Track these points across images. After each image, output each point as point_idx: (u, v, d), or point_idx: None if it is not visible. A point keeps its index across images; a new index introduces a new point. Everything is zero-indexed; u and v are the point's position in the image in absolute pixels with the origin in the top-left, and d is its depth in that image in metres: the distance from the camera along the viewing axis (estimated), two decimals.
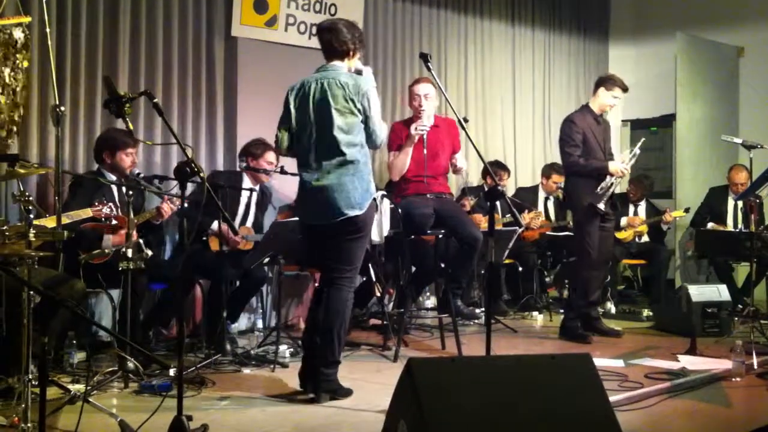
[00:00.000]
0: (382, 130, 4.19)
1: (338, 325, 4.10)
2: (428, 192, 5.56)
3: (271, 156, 5.64)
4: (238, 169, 5.83)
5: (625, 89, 6.06)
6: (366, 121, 4.12)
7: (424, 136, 5.49)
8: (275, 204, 6.11)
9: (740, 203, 7.41)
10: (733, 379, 4.59)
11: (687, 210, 7.86)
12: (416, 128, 5.42)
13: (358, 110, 4.09)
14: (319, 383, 4.10)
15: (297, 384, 4.32)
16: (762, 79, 8.56)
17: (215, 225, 5.41)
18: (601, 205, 5.81)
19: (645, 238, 7.91)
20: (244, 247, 5.54)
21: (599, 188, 5.80)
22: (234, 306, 5.54)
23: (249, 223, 5.72)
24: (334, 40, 4.24)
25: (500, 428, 2.95)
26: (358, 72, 4.24)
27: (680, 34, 8.29)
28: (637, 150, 6.03)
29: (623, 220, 7.79)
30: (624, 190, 8.11)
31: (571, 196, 6.07)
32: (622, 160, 5.96)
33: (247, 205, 5.72)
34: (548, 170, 7.90)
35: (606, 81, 6.02)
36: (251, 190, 5.66)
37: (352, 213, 4.06)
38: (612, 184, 5.83)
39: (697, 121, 8.33)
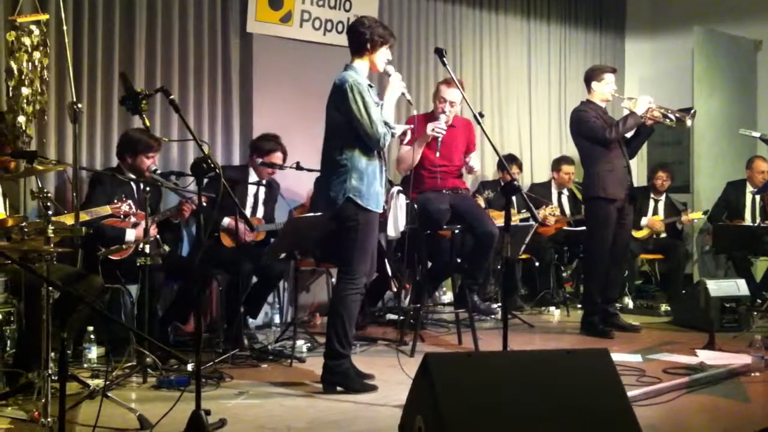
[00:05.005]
0: (375, 130, 4.05)
1: (336, 320, 4.17)
2: (444, 187, 5.57)
3: (277, 156, 5.64)
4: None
5: (613, 70, 6.07)
6: (350, 119, 4.08)
7: (439, 139, 5.47)
8: (289, 203, 6.11)
9: (758, 197, 7.36)
10: (752, 374, 4.55)
11: (706, 213, 7.79)
12: (433, 129, 5.39)
13: (341, 110, 4.11)
14: (323, 373, 4.22)
15: (314, 379, 4.34)
16: None
17: (226, 221, 5.45)
18: (621, 194, 5.83)
19: (662, 234, 7.86)
20: (256, 239, 5.57)
21: (670, 122, 5.85)
22: (254, 301, 5.57)
23: (259, 214, 5.75)
24: (353, 37, 4.26)
25: (517, 423, 2.95)
26: (387, 74, 4.26)
27: (697, 28, 8.23)
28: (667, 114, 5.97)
29: (644, 220, 7.72)
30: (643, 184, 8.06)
31: (589, 188, 5.96)
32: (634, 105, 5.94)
33: (255, 198, 5.75)
34: (557, 163, 7.90)
35: (593, 74, 5.99)
36: (258, 183, 5.68)
37: (331, 210, 4.19)
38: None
39: (715, 116, 8.27)
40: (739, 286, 6.11)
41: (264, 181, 5.76)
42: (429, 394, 2.98)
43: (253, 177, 5.74)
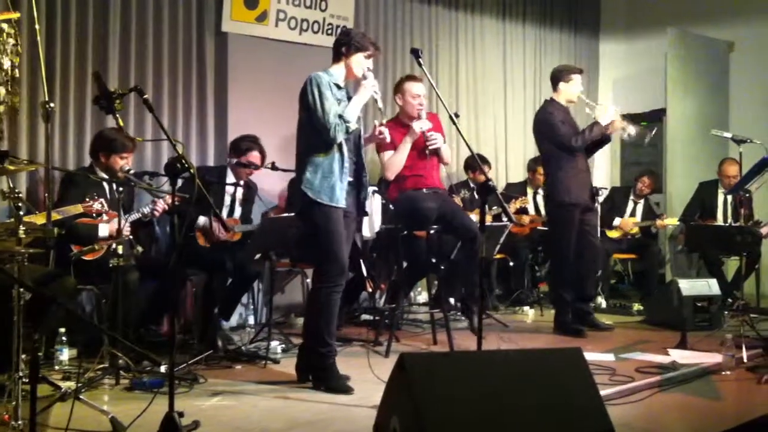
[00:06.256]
0: (327, 121, 4.11)
1: (311, 317, 4.28)
2: (425, 187, 5.53)
3: (254, 155, 5.62)
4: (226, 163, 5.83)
5: (580, 71, 6.09)
6: (308, 113, 4.19)
7: (425, 135, 5.44)
8: (267, 204, 6.09)
9: (730, 197, 7.43)
10: (724, 373, 4.61)
11: (681, 220, 7.86)
12: (421, 127, 5.37)
13: (302, 104, 4.23)
14: (305, 370, 4.35)
15: (289, 379, 4.34)
16: (752, 74, 8.59)
17: (201, 220, 5.41)
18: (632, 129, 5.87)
19: (637, 235, 7.92)
20: (232, 239, 5.54)
21: (627, 135, 5.88)
22: (228, 303, 5.53)
23: (236, 215, 5.72)
24: (333, 45, 4.40)
25: (492, 423, 2.96)
26: (364, 77, 4.33)
27: (671, 29, 8.30)
28: (632, 130, 6.04)
29: (617, 221, 7.78)
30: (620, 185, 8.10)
31: (552, 191, 6.03)
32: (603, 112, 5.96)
33: (233, 199, 5.71)
34: (534, 164, 7.89)
35: (561, 75, 6.02)
36: (235, 184, 5.65)
37: (298, 207, 4.33)
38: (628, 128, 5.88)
39: (688, 116, 8.35)
40: (710, 286, 6.18)
41: (242, 182, 5.73)
42: (404, 394, 2.99)
43: (230, 178, 5.69)
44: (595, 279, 6.34)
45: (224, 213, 5.64)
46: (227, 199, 5.70)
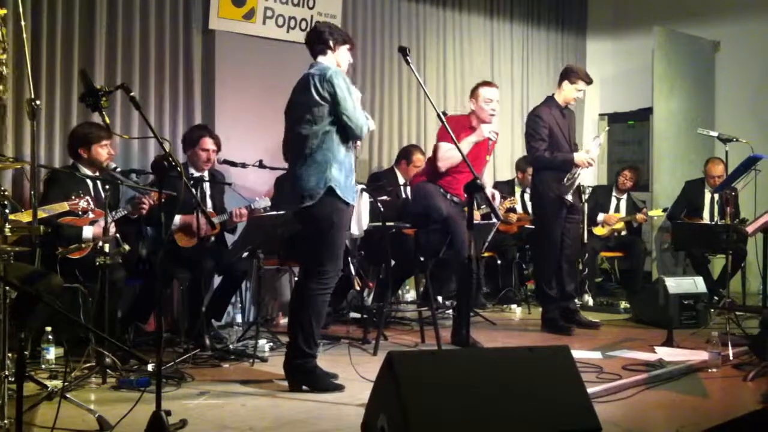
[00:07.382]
0: (358, 117, 4.08)
1: (303, 319, 4.14)
2: (452, 192, 5.40)
3: (207, 143, 5.51)
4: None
5: (588, 81, 6.09)
6: (336, 107, 4.05)
7: (488, 144, 5.37)
8: (249, 200, 6.04)
9: (716, 196, 7.48)
10: (710, 370, 4.63)
11: (665, 210, 7.91)
12: (491, 131, 5.30)
13: (324, 98, 4.05)
14: (288, 372, 4.21)
15: (276, 378, 4.33)
16: (738, 73, 8.64)
17: (177, 218, 5.32)
18: (569, 197, 5.88)
19: (623, 231, 7.96)
20: (212, 233, 5.48)
21: (565, 179, 5.85)
22: (218, 304, 5.50)
23: (208, 208, 5.62)
24: (314, 38, 4.30)
25: (479, 421, 2.97)
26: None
27: (657, 29, 8.35)
28: (600, 140, 6.12)
29: (600, 216, 7.81)
30: (596, 180, 8.13)
31: (536, 190, 6.08)
32: (586, 151, 6.01)
33: (202, 194, 5.62)
34: (523, 164, 7.91)
35: (570, 74, 6.02)
36: (201, 176, 5.53)
37: (303, 204, 4.09)
38: (577, 175, 5.88)
39: (674, 115, 8.39)
40: (697, 284, 6.21)
41: (206, 175, 5.61)
42: (392, 392, 2.99)
43: (193, 172, 5.59)
44: (576, 276, 6.36)
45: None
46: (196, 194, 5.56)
